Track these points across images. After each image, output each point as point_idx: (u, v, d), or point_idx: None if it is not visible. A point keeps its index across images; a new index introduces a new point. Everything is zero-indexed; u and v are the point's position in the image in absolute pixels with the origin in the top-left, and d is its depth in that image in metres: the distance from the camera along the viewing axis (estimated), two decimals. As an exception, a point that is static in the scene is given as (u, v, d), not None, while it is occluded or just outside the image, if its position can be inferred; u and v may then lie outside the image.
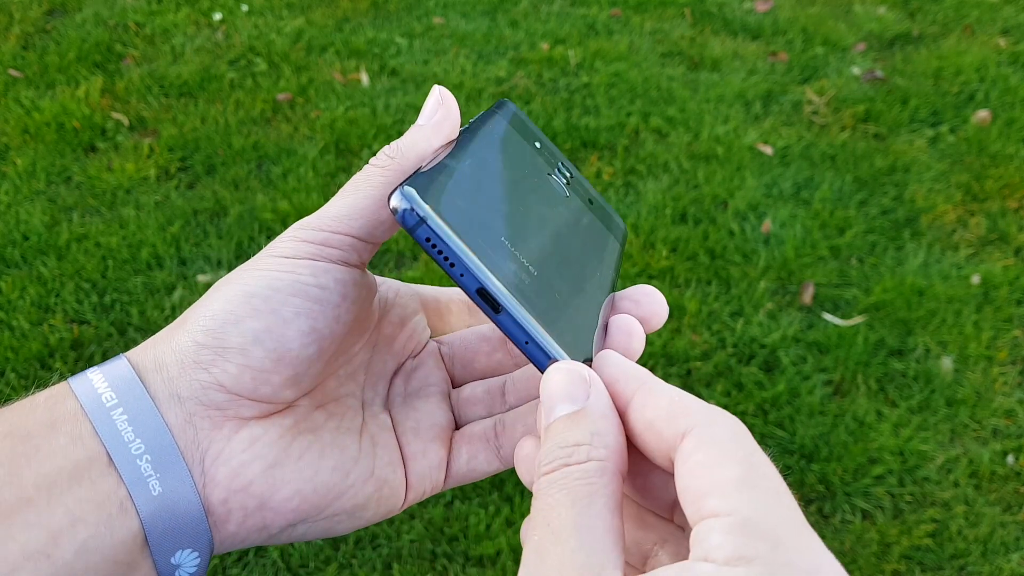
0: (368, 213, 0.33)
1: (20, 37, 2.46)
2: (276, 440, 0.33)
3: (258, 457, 0.32)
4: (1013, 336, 1.63)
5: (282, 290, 0.32)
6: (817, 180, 2.01)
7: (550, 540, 0.25)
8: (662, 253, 1.78)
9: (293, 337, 0.32)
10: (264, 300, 0.32)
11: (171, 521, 0.30)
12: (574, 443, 0.27)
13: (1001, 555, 1.30)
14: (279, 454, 0.32)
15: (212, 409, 0.31)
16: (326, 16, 2.62)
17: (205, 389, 0.31)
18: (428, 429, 0.37)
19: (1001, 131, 2.16)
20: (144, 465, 0.30)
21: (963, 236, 1.87)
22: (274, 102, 2.22)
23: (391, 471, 0.36)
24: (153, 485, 0.30)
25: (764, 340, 1.60)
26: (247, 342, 0.31)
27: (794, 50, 2.51)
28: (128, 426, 0.30)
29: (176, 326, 0.33)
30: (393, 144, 0.35)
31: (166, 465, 0.30)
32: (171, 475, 0.30)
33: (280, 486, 0.32)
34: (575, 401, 0.28)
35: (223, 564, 1.26)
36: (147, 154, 2.04)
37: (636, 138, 2.14)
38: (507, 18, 2.63)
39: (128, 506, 0.29)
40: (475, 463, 0.37)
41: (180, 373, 0.31)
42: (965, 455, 1.43)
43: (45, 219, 1.84)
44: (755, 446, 0.26)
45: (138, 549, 0.30)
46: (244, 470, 0.32)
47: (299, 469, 0.33)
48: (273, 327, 0.31)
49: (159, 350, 0.32)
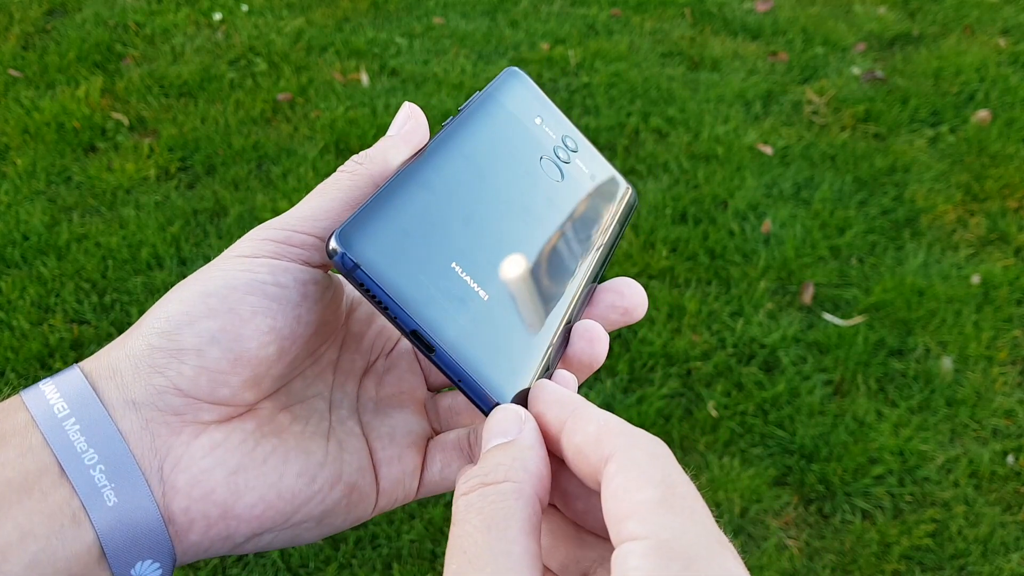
0: (332, 215, 0.33)
1: (20, 37, 2.46)
2: (238, 445, 0.32)
3: (219, 463, 0.31)
4: (1013, 336, 1.63)
5: (239, 288, 0.31)
6: (817, 180, 2.01)
7: (467, 568, 0.26)
8: (662, 253, 1.78)
9: (251, 336, 0.31)
10: (221, 299, 0.31)
11: (129, 532, 0.29)
12: (495, 463, 0.28)
13: (1001, 555, 1.30)
14: (242, 459, 0.31)
15: (169, 414, 0.30)
16: (326, 16, 2.62)
17: (161, 393, 0.30)
18: (404, 436, 0.37)
19: (1001, 131, 2.16)
20: (98, 475, 0.29)
21: (963, 236, 1.87)
22: (274, 102, 2.22)
23: (360, 476, 0.35)
24: (108, 496, 0.29)
25: (764, 340, 1.60)
26: (203, 342, 0.30)
27: (794, 50, 2.51)
28: (80, 436, 0.29)
29: (131, 331, 0.32)
30: (363, 152, 0.35)
31: (121, 475, 0.29)
32: (127, 485, 0.29)
33: (243, 493, 0.31)
34: (507, 435, 0.30)
35: (223, 564, 1.26)
36: (147, 154, 2.04)
37: (636, 138, 2.14)
38: (507, 18, 2.63)
39: (82, 517, 0.28)
40: (448, 472, 0.37)
41: (135, 378, 0.30)
42: (965, 455, 1.43)
43: (45, 219, 1.84)
44: (675, 467, 0.27)
45: (94, 562, 0.29)
46: (205, 477, 0.31)
47: (263, 474, 0.32)
48: (229, 326, 0.31)
49: (113, 356, 0.31)
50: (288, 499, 0.32)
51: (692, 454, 1.42)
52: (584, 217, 0.39)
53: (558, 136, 0.40)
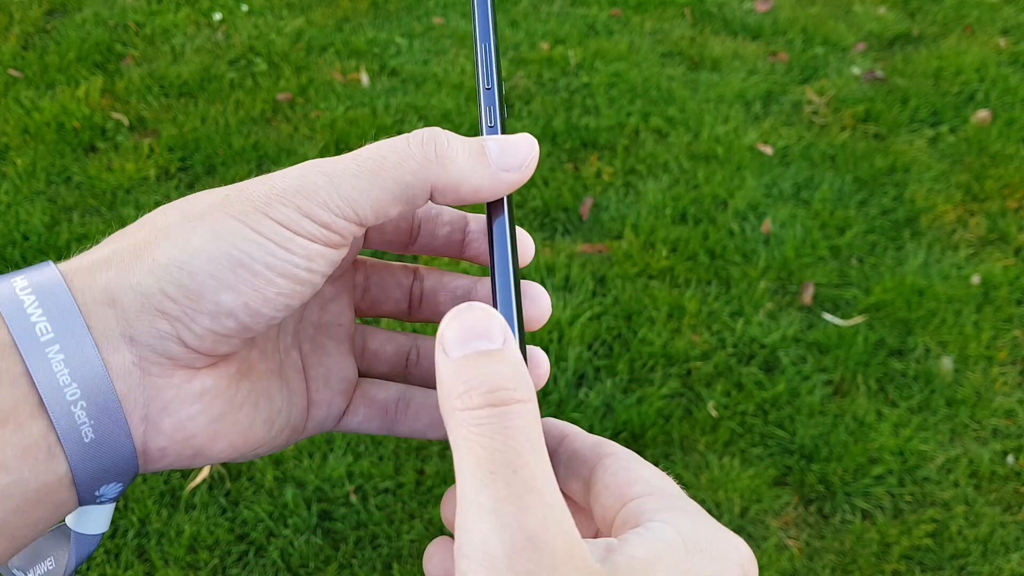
0: (380, 206, 0.30)
1: (20, 37, 2.46)
2: (223, 391, 0.32)
3: (205, 410, 0.31)
4: (1013, 336, 1.63)
5: (274, 268, 0.29)
6: (817, 180, 2.01)
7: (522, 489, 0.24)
8: (662, 253, 1.78)
9: (267, 314, 0.30)
10: (252, 275, 0.29)
11: (101, 463, 0.28)
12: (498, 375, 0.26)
13: (1001, 555, 1.30)
14: (224, 406, 0.32)
15: (164, 357, 0.29)
16: (326, 16, 2.62)
17: (163, 339, 0.29)
18: (338, 382, 0.37)
19: (1001, 131, 2.16)
20: (78, 412, 0.28)
21: (963, 236, 1.87)
22: (274, 102, 2.22)
23: (299, 419, 0.35)
24: (86, 432, 0.28)
25: (764, 340, 1.60)
26: (221, 312, 0.29)
27: (794, 50, 2.51)
28: (64, 367, 0.27)
29: (137, 255, 0.29)
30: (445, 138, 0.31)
31: (102, 412, 0.28)
32: (107, 422, 0.28)
33: (219, 438, 0.32)
34: (492, 340, 0.27)
35: (223, 564, 1.26)
36: (147, 154, 2.04)
37: (636, 138, 2.14)
38: (507, 18, 2.63)
39: (57, 452, 0.28)
40: (367, 426, 0.37)
41: (138, 315, 0.29)
42: (965, 455, 1.43)
43: (45, 219, 1.84)
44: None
45: (64, 489, 0.28)
46: (191, 423, 0.31)
47: (238, 421, 0.32)
48: (251, 303, 0.30)
49: (112, 281, 0.29)
50: (252, 444, 0.33)
51: (692, 454, 1.42)
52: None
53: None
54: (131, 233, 0.30)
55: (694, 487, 1.37)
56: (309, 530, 1.30)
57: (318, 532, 1.30)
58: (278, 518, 1.31)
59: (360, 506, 1.33)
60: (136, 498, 1.32)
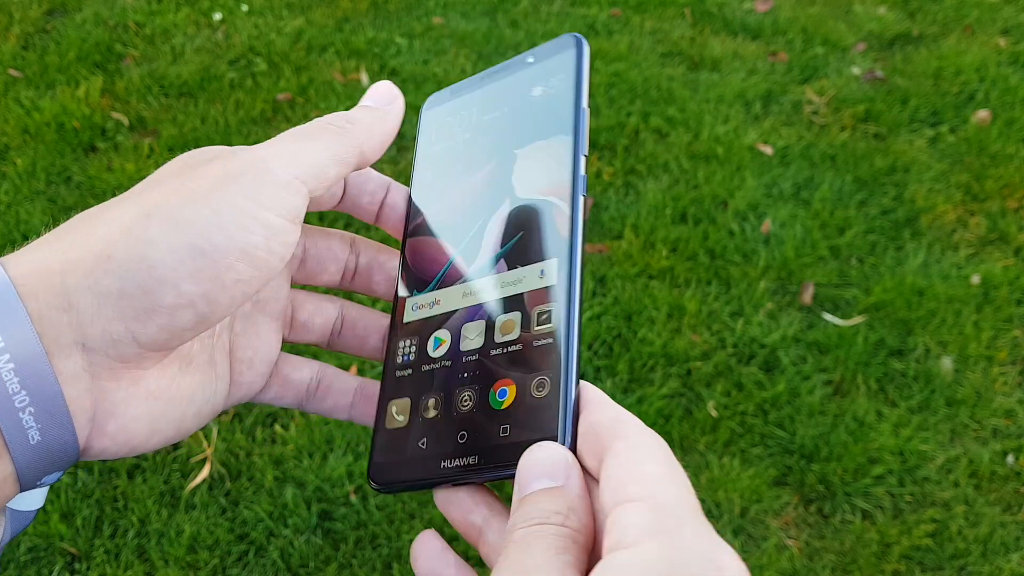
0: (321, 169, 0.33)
1: (20, 37, 2.46)
2: (165, 391, 0.32)
3: (148, 412, 0.31)
4: (1013, 336, 1.64)
5: (231, 252, 0.30)
6: (817, 180, 2.01)
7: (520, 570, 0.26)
8: (662, 253, 1.78)
9: (226, 304, 0.31)
10: (211, 263, 0.29)
11: (46, 461, 0.29)
12: (553, 510, 0.28)
13: (1001, 555, 1.30)
14: (164, 406, 0.32)
15: (116, 361, 0.30)
16: (326, 16, 2.62)
17: (116, 342, 0.29)
18: (262, 363, 0.37)
19: (1001, 131, 2.16)
20: (26, 418, 0.28)
21: (963, 236, 1.87)
22: (274, 102, 2.22)
23: (221, 402, 0.36)
24: (32, 435, 0.28)
25: (764, 340, 1.60)
26: (180, 305, 0.29)
27: (794, 50, 2.51)
28: (14, 376, 0.28)
29: (95, 253, 0.29)
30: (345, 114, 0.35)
31: (50, 417, 0.28)
32: (53, 426, 0.29)
33: (155, 435, 0.32)
34: (554, 479, 0.29)
35: (223, 564, 1.26)
36: (147, 154, 2.04)
37: (636, 138, 2.14)
38: (507, 18, 2.63)
39: (2, 452, 0.28)
40: (279, 401, 0.39)
41: (93, 321, 0.29)
42: (965, 455, 1.43)
43: (45, 219, 1.84)
44: (675, 458, 0.29)
45: (8, 485, 0.29)
46: (133, 425, 0.31)
47: (174, 418, 0.33)
48: (210, 292, 0.30)
49: (70, 285, 0.29)
50: (183, 434, 0.34)
51: (692, 454, 1.42)
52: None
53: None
54: (85, 225, 0.31)
55: (694, 487, 1.37)
56: (309, 530, 1.30)
57: (318, 532, 1.30)
58: (278, 518, 1.31)
59: (360, 506, 1.33)
60: (136, 498, 1.32)
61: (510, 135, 0.40)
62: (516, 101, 0.40)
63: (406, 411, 0.36)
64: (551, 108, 0.39)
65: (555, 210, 0.36)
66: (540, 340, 0.34)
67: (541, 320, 0.35)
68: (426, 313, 0.38)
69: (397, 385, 0.37)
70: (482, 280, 0.37)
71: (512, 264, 0.37)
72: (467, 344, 0.36)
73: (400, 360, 0.38)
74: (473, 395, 0.35)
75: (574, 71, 0.39)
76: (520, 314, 0.35)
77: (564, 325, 0.34)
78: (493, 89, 0.42)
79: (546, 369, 0.33)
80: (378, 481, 0.35)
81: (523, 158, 0.39)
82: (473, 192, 0.40)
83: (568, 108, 0.38)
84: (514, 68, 0.42)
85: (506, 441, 0.33)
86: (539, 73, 0.40)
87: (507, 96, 0.41)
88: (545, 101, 0.39)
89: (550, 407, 0.32)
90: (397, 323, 0.39)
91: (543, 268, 0.36)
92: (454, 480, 0.33)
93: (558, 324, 0.34)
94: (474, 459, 0.33)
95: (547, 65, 0.40)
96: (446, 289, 0.38)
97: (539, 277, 0.36)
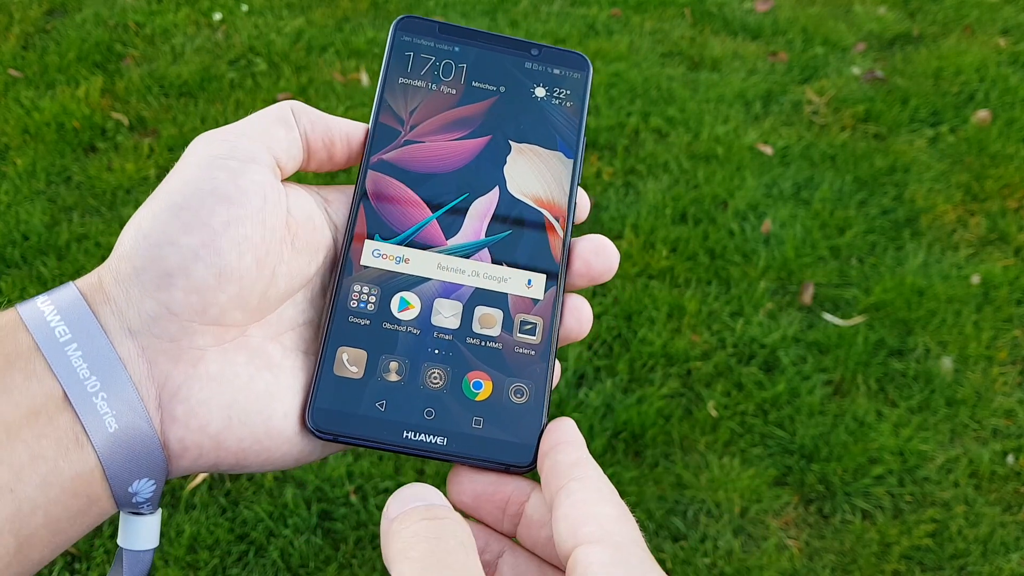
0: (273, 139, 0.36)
1: (20, 37, 2.46)
2: (233, 379, 0.32)
3: (215, 395, 0.32)
4: (1013, 336, 1.63)
5: (206, 198, 0.32)
6: (817, 180, 2.01)
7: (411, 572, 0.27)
8: (662, 253, 1.78)
9: (228, 248, 0.32)
10: (194, 213, 0.32)
11: (128, 454, 0.30)
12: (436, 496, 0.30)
13: (1001, 555, 1.30)
14: (235, 394, 0.32)
15: (165, 341, 0.31)
16: (326, 16, 2.62)
17: (155, 320, 0.31)
18: None
19: (1001, 131, 2.16)
20: (100, 403, 0.30)
21: (963, 236, 1.87)
22: (274, 102, 2.22)
23: None
24: (109, 422, 0.30)
25: (764, 340, 1.60)
26: (187, 260, 0.31)
27: (794, 50, 2.51)
28: (83, 363, 0.30)
29: (117, 249, 0.32)
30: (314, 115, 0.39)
31: (122, 401, 0.30)
32: (127, 412, 0.30)
33: (236, 427, 0.32)
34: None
35: (223, 564, 1.26)
36: (147, 154, 2.04)
37: (636, 138, 2.14)
38: (507, 18, 2.63)
39: (84, 441, 0.30)
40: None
41: (127, 305, 0.31)
42: (965, 455, 1.43)
43: (45, 219, 1.84)
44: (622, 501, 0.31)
45: (96, 481, 0.30)
46: (202, 409, 0.31)
47: (255, 411, 0.33)
48: (208, 240, 0.31)
49: (105, 279, 0.32)
50: (274, 437, 0.33)
51: (692, 454, 1.42)
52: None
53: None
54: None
55: (694, 487, 1.37)
56: (309, 530, 1.30)
57: (318, 532, 1.30)
58: (278, 518, 1.31)
59: (360, 506, 1.33)
60: (136, 498, 1.32)
61: (505, 121, 0.39)
62: (515, 88, 0.40)
63: (361, 364, 0.35)
64: (554, 120, 0.39)
65: (547, 226, 0.37)
66: (521, 348, 0.35)
67: (525, 329, 0.36)
68: (390, 265, 0.37)
69: (350, 332, 0.36)
70: (463, 261, 0.37)
71: (497, 259, 0.37)
72: (440, 320, 0.36)
73: (355, 305, 0.36)
74: (444, 375, 0.35)
75: (582, 96, 0.40)
76: (502, 314, 0.36)
77: (548, 344, 0.35)
78: (489, 58, 0.41)
79: (526, 379, 0.35)
80: (321, 428, 0.34)
81: (518, 153, 0.39)
82: (457, 158, 0.39)
83: (573, 132, 0.39)
84: (515, 48, 0.41)
85: (479, 434, 0.34)
86: (543, 74, 0.40)
87: (505, 76, 0.40)
88: (549, 108, 0.39)
89: (530, 417, 0.34)
90: (352, 262, 0.37)
91: (531, 278, 0.37)
92: (414, 453, 0.34)
93: (543, 341, 0.35)
94: (442, 440, 0.34)
95: (553, 72, 0.40)
96: (419, 251, 0.37)
97: (526, 286, 0.36)
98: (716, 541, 1.31)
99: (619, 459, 1.41)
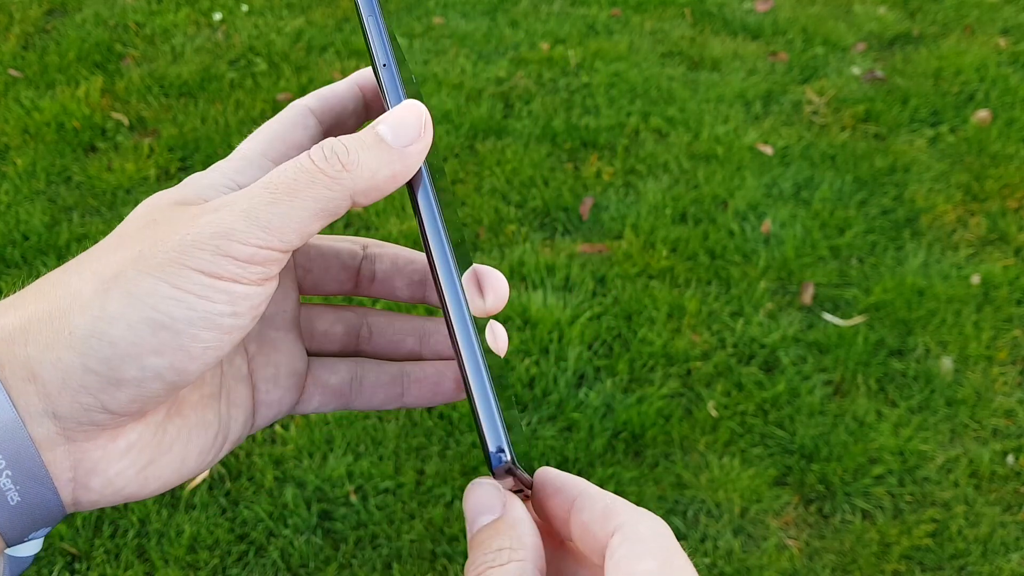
0: (302, 227, 0.29)
1: (20, 37, 2.46)
2: (150, 440, 0.32)
3: (132, 464, 0.31)
4: (1013, 336, 1.63)
5: (195, 323, 0.29)
6: (817, 180, 2.01)
7: None
8: (662, 253, 1.78)
9: (195, 370, 0.30)
10: (173, 335, 0.28)
11: (29, 520, 0.29)
12: (497, 548, 0.29)
13: (1001, 555, 1.30)
14: (152, 453, 0.32)
15: (89, 426, 0.29)
16: (326, 16, 2.62)
17: (87, 411, 0.29)
18: (288, 377, 0.36)
19: (1001, 131, 2.16)
20: (3, 480, 0.28)
21: (963, 236, 1.87)
22: (274, 102, 2.22)
23: (243, 429, 0.35)
24: (11, 496, 0.29)
25: (764, 340, 1.60)
26: (146, 377, 0.29)
27: (794, 50, 2.51)
28: None
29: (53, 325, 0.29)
30: (341, 151, 0.30)
31: (28, 478, 0.29)
32: (33, 486, 0.29)
33: (151, 481, 0.32)
34: (493, 511, 0.31)
35: (223, 564, 1.26)
36: (147, 154, 2.04)
37: (636, 138, 2.14)
38: (507, 18, 2.63)
39: None
40: (325, 408, 0.38)
41: (60, 393, 0.28)
42: (965, 455, 1.43)
43: (45, 219, 1.84)
44: (674, 544, 0.29)
45: None
46: (118, 478, 0.31)
47: (169, 462, 0.32)
48: (177, 363, 0.29)
49: (32, 358, 0.28)
50: (186, 475, 0.33)
51: (692, 454, 1.42)
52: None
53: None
54: (45, 293, 0.30)
55: (694, 487, 1.37)
56: (309, 530, 1.30)
57: (318, 532, 1.30)
58: (278, 518, 1.31)
59: (360, 506, 1.33)
60: (136, 498, 1.32)
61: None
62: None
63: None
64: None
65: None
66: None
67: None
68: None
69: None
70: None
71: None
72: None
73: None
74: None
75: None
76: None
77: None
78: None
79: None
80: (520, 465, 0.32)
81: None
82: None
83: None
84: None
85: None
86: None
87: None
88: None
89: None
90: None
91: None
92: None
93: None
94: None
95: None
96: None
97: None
98: (716, 541, 1.31)
99: (619, 459, 1.41)
